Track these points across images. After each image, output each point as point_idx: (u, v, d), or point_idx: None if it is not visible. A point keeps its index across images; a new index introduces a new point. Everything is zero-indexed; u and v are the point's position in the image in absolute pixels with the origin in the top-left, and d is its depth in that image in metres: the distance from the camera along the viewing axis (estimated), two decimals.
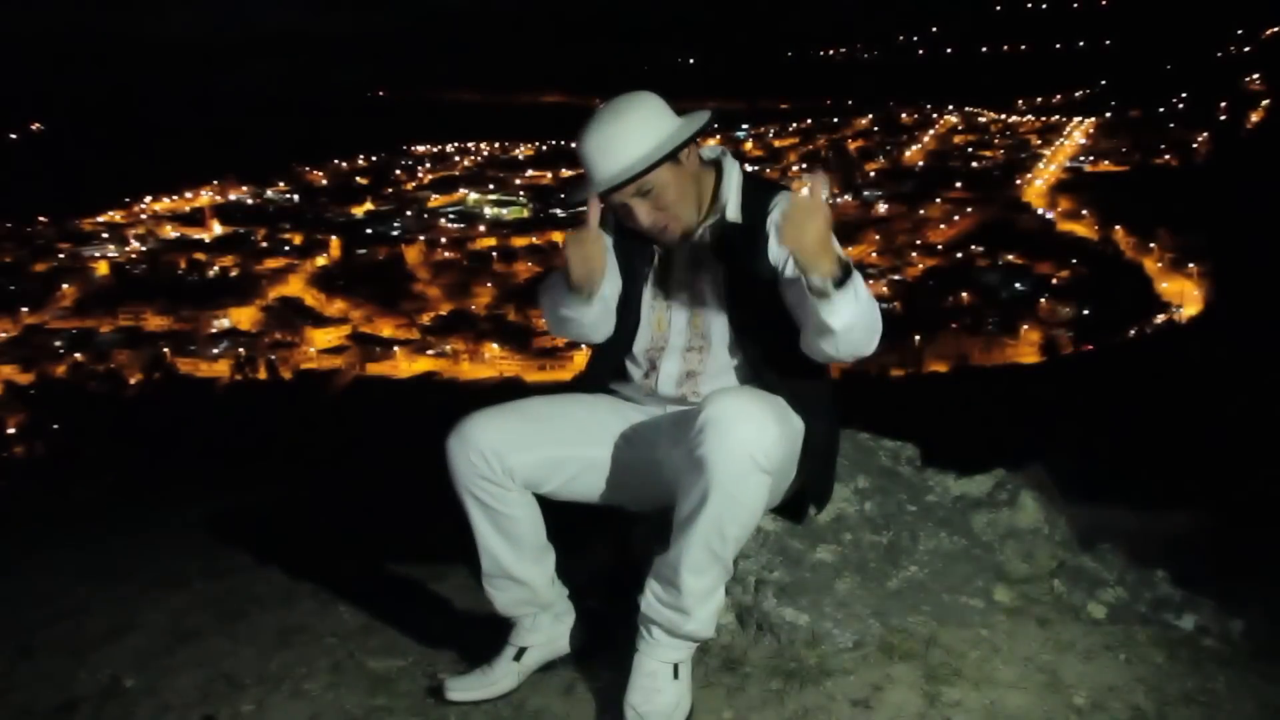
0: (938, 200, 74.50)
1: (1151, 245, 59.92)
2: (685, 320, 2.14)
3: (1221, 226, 52.02)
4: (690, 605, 1.90)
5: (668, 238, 2.06)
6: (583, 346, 2.32)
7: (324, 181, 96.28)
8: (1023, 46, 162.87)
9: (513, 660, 2.15)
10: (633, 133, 1.96)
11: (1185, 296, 53.48)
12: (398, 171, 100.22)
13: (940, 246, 66.42)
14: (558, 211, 75.85)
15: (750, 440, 1.76)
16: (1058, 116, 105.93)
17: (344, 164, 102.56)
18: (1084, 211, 69.71)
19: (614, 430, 2.16)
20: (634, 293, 2.18)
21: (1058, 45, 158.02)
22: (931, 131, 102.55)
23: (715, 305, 2.11)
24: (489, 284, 65.02)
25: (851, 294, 1.79)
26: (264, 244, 73.23)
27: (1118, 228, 64.17)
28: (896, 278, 60.42)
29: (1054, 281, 57.20)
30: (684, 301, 2.14)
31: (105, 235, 77.42)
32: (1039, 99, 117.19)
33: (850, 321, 1.81)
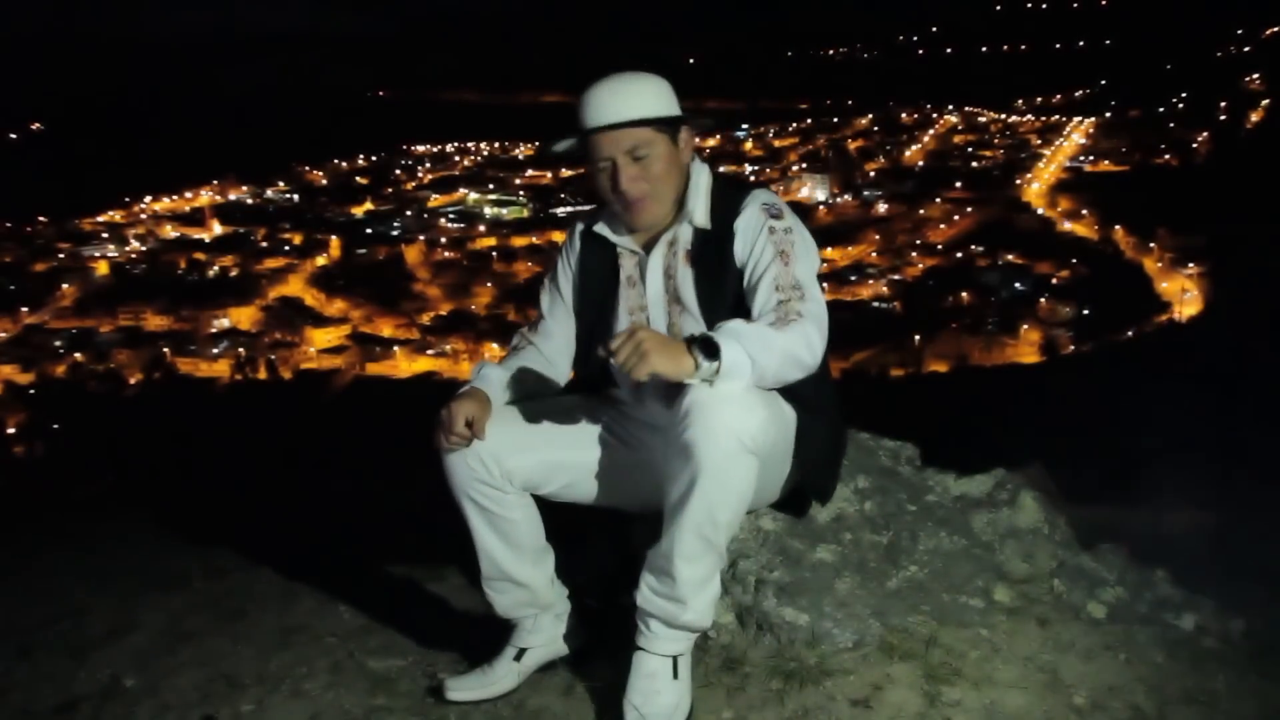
0: (938, 200, 74.55)
1: (1151, 245, 59.94)
2: (665, 327, 2.13)
3: (1221, 226, 52.03)
4: (686, 594, 1.89)
5: (638, 214, 2.04)
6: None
7: (324, 181, 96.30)
8: (1023, 46, 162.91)
9: (513, 660, 2.15)
10: (647, 90, 2.00)
11: (1185, 296, 53.48)
12: (398, 171, 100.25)
13: (940, 246, 66.45)
14: (557, 211, 75.98)
15: (735, 422, 1.74)
16: (1058, 116, 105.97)
17: (344, 164, 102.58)
18: (1084, 211, 69.76)
19: (611, 432, 2.16)
20: (609, 304, 2.17)
21: (1058, 45, 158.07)
22: (931, 131, 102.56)
23: (692, 311, 2.09)
24: (489, 284, 65.04)
25: (735, 362, 1.74)
26: (264, 244, 73.23)
27: (1118, 228, 64.21)
28: (896, 278, 60.49)
29: (1054, 281, 57.22)
30: (662, 308, 2.13)
31: (105, 235, 77.44)
32: (1039, 99, 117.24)
33: (756, 375, 1.78)
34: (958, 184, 78.21)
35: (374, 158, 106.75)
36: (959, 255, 63.41)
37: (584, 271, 2.21)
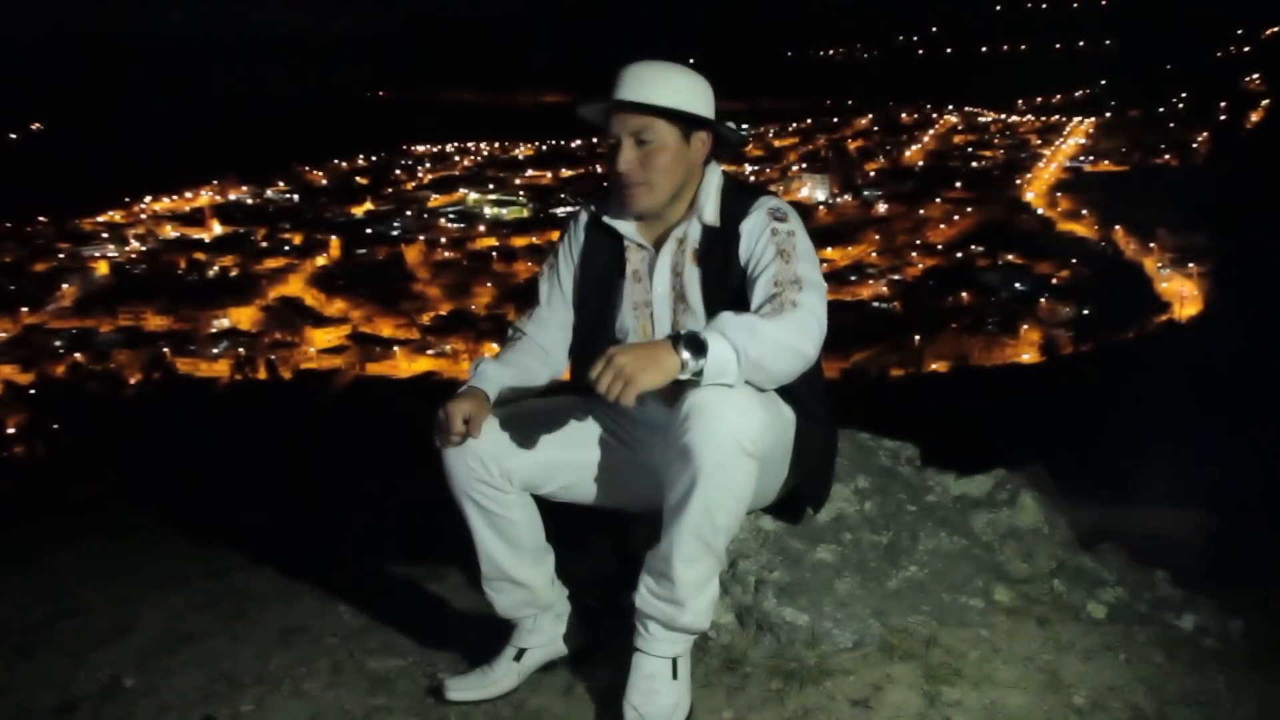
0: (938, 200, 74.59)
1: (1151, 245, 59.95)
2: (668, 325, 2.13)
3: (1221, 226, 52.06)
4: (684, 597, 1.88)
5: (629, 198, 2.05)
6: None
7: (324, 181, 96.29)
8: (1023, 46, 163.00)
9: (513, 660, 2.15)
10: (677, 83, 2.01)
11: (1185, 296, 53.50)
12: (398, 171, 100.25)
13: (940, 246, 66.49)
14: (557, 211, 75.98)
15: (734, 425, 1.74)
16: (1058, 116, 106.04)
17: (344, 164, 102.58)
18: (1084, 211, 69.79)
19: (611, 432, 2.16)
20: (612, 297, 2.17)
21: (1058, 45, 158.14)
22: (931, 131, 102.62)
23: (696, 310, 2.09)
24: (489, 284, 65.03)
25: (722, 355, 1.73)
26: (264, 244, 73.21)
27: (1118, 228, 64.22)
28: (896, 278, 60.51)
29: (1054, 281, 57.24)
30: (667, 305, 2.13)
31: (105, 235, 77.37)
32: (1039, 99, 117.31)
33: (748, 366, 1.76)
34: (958, 184, 78.27)
35: (374, 158, 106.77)
36: (959, 255, 63.46)
37: (586, 261, 2.20)
